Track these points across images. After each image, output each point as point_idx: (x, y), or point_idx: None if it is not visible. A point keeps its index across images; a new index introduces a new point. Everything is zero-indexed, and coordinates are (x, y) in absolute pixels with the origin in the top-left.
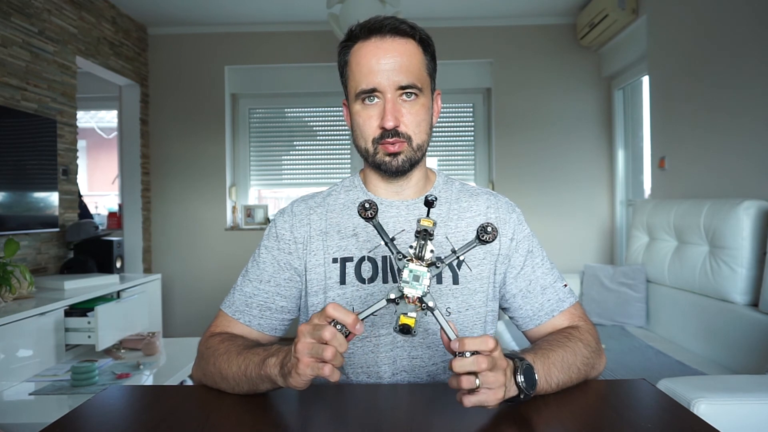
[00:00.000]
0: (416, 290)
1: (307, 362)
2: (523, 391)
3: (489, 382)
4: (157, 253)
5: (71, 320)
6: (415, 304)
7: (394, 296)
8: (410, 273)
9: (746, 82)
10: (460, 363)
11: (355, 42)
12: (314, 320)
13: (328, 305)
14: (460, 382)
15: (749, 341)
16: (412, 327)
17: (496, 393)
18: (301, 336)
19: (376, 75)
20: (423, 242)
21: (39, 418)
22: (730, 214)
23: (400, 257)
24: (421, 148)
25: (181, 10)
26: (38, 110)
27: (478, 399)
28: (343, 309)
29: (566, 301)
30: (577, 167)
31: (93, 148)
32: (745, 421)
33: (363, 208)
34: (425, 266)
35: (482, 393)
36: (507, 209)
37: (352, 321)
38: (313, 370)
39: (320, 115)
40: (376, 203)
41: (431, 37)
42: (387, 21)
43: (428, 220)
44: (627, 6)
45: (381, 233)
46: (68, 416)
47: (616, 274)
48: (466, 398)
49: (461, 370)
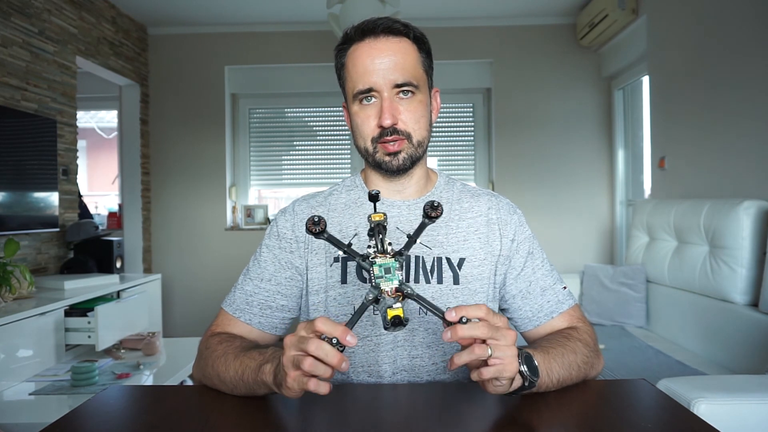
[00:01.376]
0: (392, 282)
1: (293, 376)
2: (528, 378)
3: (501, 350)
4: (157, 253)
5: (71, 320)
6: (396, 296)
7: (373, 295)
8: (380, 268)
9: (746, 82)
10: (460, 327)
11: (350, 44)
12: (301, 332)
13: (317, 319)
14: (473, 350)
15: (749, 341)
16: (402, 317)
17: (511, 363)
18: (286, 349)
19: (372, 75)
20: (380, 236)
21: (39, 418)
22: (730, 214)
23: (363, 258)
24: (421, 144)
25: (181, 10)
26: (38, 110)
27: (496, 369)
28: (331, 322)
29: (565, 303)
30: (577, 167)
31: (93, 148)
32: (745, 421)
33: (312, 222)
34: (391, 258)
35: (498, 365)
36: (508, 210)
37: (341, 333)
38: (299, 384)
39: (320, 115)
40: (324, 218)
41: (426, 35)
42: (380, 21)
43: (378, 214)
44: (627, 6)
45: (335, 244)
46: (68, 416)
47: (616, 274)
48: (485, 370)
49: (461, 333)
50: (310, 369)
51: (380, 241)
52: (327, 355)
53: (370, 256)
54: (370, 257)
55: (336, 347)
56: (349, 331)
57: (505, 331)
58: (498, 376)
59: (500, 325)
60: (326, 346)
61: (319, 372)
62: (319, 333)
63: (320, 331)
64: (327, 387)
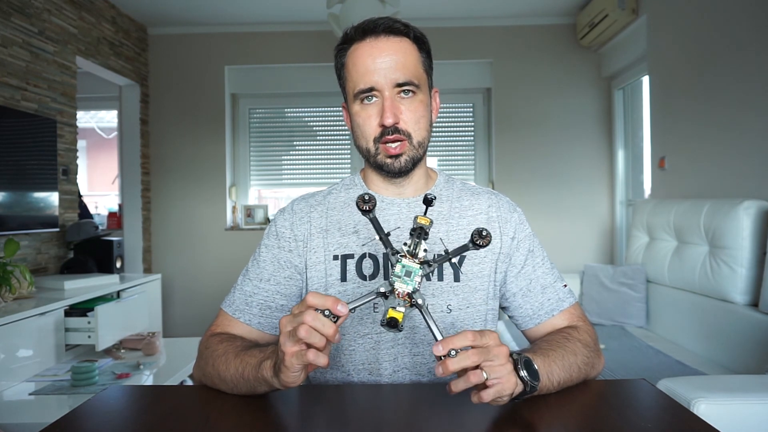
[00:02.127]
0: (407, 286)
1: (291, 352)
2: (528, 383)
3: (496, 371)
4: (157, 253)
5: (71, 320)
6: (404, 300)
7: (384, 290)
8: (402, 268)
9: (746, 82)
10: (450, 361)
11: (350, 44)
12: (294, 310)
13: (308, 294)
14: (468, 378)
15: (749, 341)
16: (400, 321)
17: (508, 381)
18: (282, 327)
19: (373, 74)
20: (417, 240)
21: (39, 418)
22: (730, 214)
23: (393, 252)
24: (421, 145)
25: (181, 10)
26: (38, 110)
27: (495, 390)
28: (322, 295)
29: (566, 301)
30: (577, 167)
31: (93, 148)
32: (745, 421)
33: (362, 200)
34: (418, 263)
35: (496, 385)
36: (508, 208)
37: (332, 303)
38: (297, 358)
39: (320, 115)
40: (375, 198)
41: (426, 36)
42: (381, 21)
43: (425, 218)
44: (627, 6)
45: (377, 228)
46: (68, 416)
47: (616, 274)
48: (484, 393)
49: (452, 368)
50: (305, 335)
51: (415, 244)
52: (323, 325)
53: (400, 252)
54: (399, 254)
55: (329, 318)
56: (340, 301)
57: (497, 350)
58: (498, 396)
59: (490, 343)
60: (321, 317)
61: (314, 340)
62: (312, 306)
63: (312, 305)
64: (325, 359)
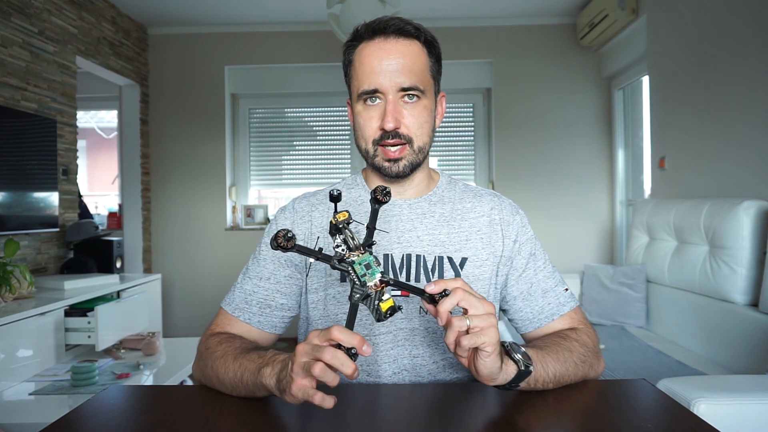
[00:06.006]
0: (376, 275)
1: (299, 385)
2: (522, 362)
3: (477, 318)
4: (157, 253)
5: (71, 320)
6: (383, 288)
7: (360, 294)
8: (360, 266)
9: (746, 82)
10: (441, 302)
11: (359, 42)
12: (314, 341)
13: (333, 327)
14: (450, 323)
15: (749, 341)
16: (394, 305)
17: (489, 329)
18: (297, 356)
19: (379, 76)
20: (349, 233)
21: (39, 418)
22: (730, 214)
23: (338, 260)
24: (422, 150)
25: (181, 10)
26: (38, 110)
27: (474, 335)
28: (348, 331)
29: (567, 305)
30: (577, 167)
31: (93, 148)
32: (745, 421)
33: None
34: (363, 251)
35: (475, 330)
36: (511, 211)
37: (359, 342)
38: (304, 394)
39: (320, 115)
40: (293, 233)
41: (437, 39)
42: (392, 21)
43: (342, 213)
44: (627, 6)
45: (306, 254)
46: (68, 416)
47: (616, 274)
48: (463, 338)
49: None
50: (320, 374)
51: (350, 238)
52: (342, 364)
53: (344, 256)
54: (345, 258)
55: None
56: (366, 342)
57: (484, 301)
58: (477, 344)
59: (477, 296)
60: (341, 355)
61: (327, 379)
62: (334, 341)
63: (337, 340)
64: (333, 400)
